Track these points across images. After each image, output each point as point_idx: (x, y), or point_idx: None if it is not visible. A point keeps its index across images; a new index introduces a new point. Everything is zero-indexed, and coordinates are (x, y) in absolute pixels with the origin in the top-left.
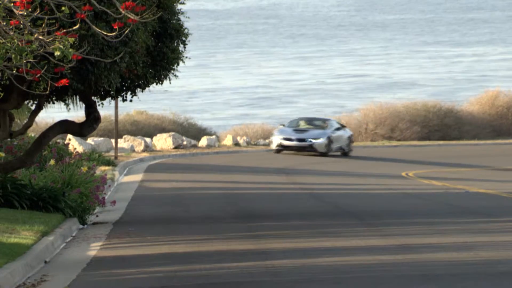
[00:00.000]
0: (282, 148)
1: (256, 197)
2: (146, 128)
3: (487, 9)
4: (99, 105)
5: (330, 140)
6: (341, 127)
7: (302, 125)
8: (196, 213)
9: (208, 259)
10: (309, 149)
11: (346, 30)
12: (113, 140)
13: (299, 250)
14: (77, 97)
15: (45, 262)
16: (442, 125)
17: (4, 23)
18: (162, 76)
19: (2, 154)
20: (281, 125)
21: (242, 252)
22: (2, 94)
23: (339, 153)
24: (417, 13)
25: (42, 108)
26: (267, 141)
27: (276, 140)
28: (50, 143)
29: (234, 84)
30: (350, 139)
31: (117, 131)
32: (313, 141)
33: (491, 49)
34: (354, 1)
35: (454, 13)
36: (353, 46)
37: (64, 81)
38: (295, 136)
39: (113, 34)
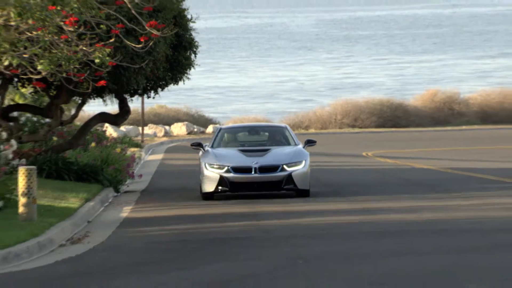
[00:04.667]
0: (228, 188)
1: None
2: (166, 119)
3: (438, 26)
4: (129, 101)
5: (309, 166)
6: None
7: (245, 140)
8: None
9: (214, 219)
10: (286, 186)
11: (324, 43)
12: (140, 128)
13: (284, 213)
14: (112, 94)
15: (88, 221)
16: (393, 116)
17: (56, 37)
18: (178, 78)
19: (55, 139)
20: (196, 145)
21: (241, 214)
22: (55, 92)
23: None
24: (382, 30)
25: (85, 103)
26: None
27: (213, 174)
28: (92, 130)
29: (235, 83)
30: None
31: (143, 121)
32: (290, 169)
33: (436, 57)
34: (329, 21)
35: (411, 29)
36: (329, 56)
37: (102, 82)
38: (252, 163)
39: (140, 46)
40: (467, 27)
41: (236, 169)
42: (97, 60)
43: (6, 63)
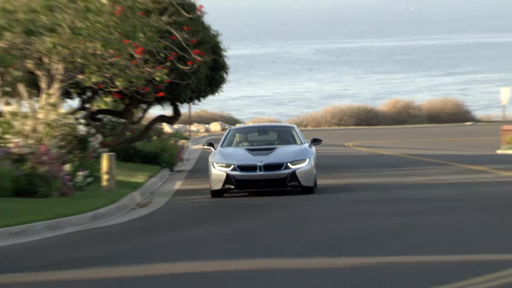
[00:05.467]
0: (234, 186)
1: None
2: (206, 119)
3: (403, 54)
4: (180, 106)
5: (314, 163)
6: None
7: (255, 139)
8: None
9: (235, 194)
10: (290, 183)
11: (320, 66)
12: (187, 126)
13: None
14: (168, 102)
15: (151, 192)
16: (367, 117)
17: (129, 62)
18: (214, 91)
19: (128, 133)
20: (208, 145)
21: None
22: (128, 101)
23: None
24: (362, 57)
25: (149, 108)
26: None
27: (220, 172)
28: (153, 127)
29: (255, 94)
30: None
31: (190, 121)
32: (294, 166)
33: (399, 75)
34: (325, 50)
35: (382, 56)
36: (323, 75)
37: (161, 94)
38: (257, 161)
39: (188, 68)
40: (423, 54)
41: (241, 167)
42: (157, 78)
43: (94, 80)
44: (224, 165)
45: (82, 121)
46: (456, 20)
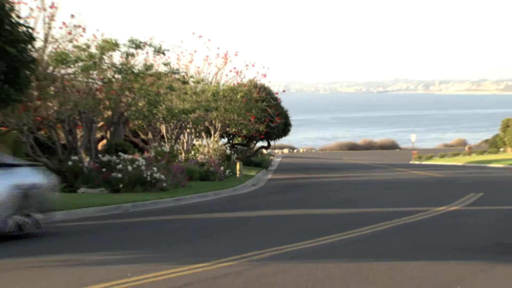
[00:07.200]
0: None
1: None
2: (282, 147)
3: (374, 119)
4: (271, 141)
5: None
6: (21, 164)
7: None
8: (298, 167)
9: (299, 178)
10: None
11: (334, 124)
12: (273, 150)
13: (292, 178)
14: (265, 140)
15: (258, 179)
16: (353, 147)
17: (248, 122)
18: (285, 135)
19: (248, 153)
20: None
21: (294, 178)
22: (248, 139)
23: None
24: (354, 120)
25: (256, 142)
26: (313, 150)
27: None
28: (259, 151)
29: (302, 137)
30: (48, 193)
31: (274, 147)
32: None
33: (369, 128)
34: (338, 117)
35: (364, 122)
36: (337, 128)
37: (262, 136)
38: None
39: (274, 125)
40: (381, 119)
41: None
42: (261, 129)
43: (233, 130)
44: None
45: (228, 148)
46: (395, 104)
